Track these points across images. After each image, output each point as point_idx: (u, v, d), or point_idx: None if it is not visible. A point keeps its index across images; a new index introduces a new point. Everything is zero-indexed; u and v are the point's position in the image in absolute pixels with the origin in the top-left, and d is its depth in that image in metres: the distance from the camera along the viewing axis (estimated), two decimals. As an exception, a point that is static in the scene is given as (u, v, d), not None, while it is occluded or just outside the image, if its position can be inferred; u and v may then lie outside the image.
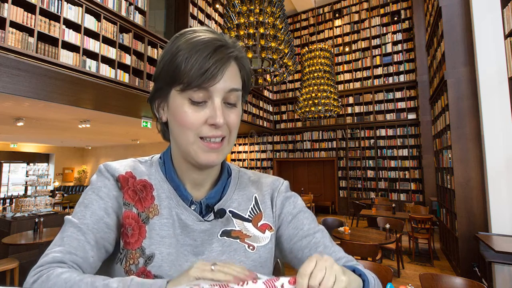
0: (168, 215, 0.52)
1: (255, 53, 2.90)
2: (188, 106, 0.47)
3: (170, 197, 0.53)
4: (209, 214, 0.54)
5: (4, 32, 2.85)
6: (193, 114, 0.47)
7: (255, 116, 8.01)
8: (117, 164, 0.54)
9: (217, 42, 0.47)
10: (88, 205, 0.50)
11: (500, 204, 3.04)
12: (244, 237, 0.54)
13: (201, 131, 0.47)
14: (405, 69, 7.22)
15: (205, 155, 0.48)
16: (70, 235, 0.47)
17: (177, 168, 0.55)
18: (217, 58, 0.45)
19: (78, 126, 7.33)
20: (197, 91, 0.46)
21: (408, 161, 7.03)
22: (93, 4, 3.67)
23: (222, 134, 0.48)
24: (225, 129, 0.48)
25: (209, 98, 0.47)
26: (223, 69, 0.46)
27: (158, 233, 0.50)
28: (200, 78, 0.45)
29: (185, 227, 0.52)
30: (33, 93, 4.05)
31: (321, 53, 5.46)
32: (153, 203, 0.52)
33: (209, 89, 0.46)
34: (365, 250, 2.69)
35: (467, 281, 1.71)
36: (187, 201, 0.53)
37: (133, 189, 0.52)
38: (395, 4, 7.52)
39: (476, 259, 3.15)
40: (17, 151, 12.63)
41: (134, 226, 0.50)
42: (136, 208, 0.51)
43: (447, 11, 3.75)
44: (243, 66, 0.51)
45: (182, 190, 0.53)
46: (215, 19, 6.36)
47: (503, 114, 3.07)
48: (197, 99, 0.46)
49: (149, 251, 0.48)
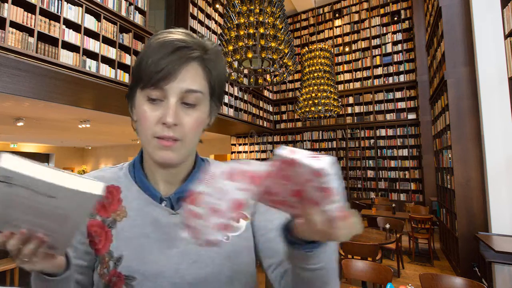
0: (136, 215, 0.53)
1: (255, 53, 2.90)
2: (146, 105, 0.48)
3: (139, 197, 0.54)
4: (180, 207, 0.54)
5: (4, 32, 2.85)
6: (149, 112, 0.48)
7: (255, 116, 8.01)
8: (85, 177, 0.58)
9: (180, 43, 0.47)
10: None
11: (500, 204, 3.04)
12: None
13: (155, 130, 0.47)
14: (405, 69, 7.22)
15: (160, 153, 0.48)
16: None
17: (147, 168, 0.56)
18: (173, 58, 0.46)
19: (78, 126, 7.33)
20: (154, 89, 0.47)
21: (408, 161, 7.03)
22: (93, 4, 3.67)
23: (174, 136, 0.47)
24: (178, 131, 0.48)
25: (165, 97, 0.47)
26: (179, 69, 0.46)
27: (126, 234, 0.52)
28: (155, 77, 0.46)
29: (157, 223, 0.52)
30: (33, 93, 4.05)
31: (321, 53, 5.46)
32: (120, 206, 0.54)
33: (165, 88, 0.46)
34: (365, 250, 2.68)
35: (467, 281, 1.71)
36: (157, 198, 0.54)
37: None
38: (395, 4, 7.52)
39: (476, 259, 3.16)
40: (17, 151, 12.63)
41: (100, 233, 0.52)
42: (100, 216, 0.53)
43: (447, 11, 3.76)
44: (210, 69, 0.51)
45: (151, 189, 0.54)
46: (215, 19, 6.36)
47: (503, 114, 3.07)
48: (153, 97, 0.47)
49: (117, 253, 0.50)
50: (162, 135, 0.47)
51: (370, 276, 2.04)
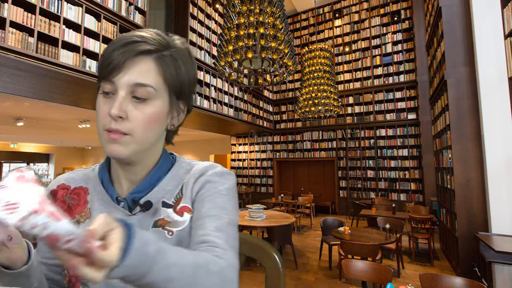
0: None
1: (255, 53, 2.90)
2: (101, 98, 0.49)
3: (102, 198, 0.55)
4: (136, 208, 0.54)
5: (4, 32, 2.85)
6: (102, 105, 0.48)
7: (255, 116, 8.01)
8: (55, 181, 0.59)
9: (136, 38, 0.48)
10: None
11: (500, 204, 3.04)
12: (165, 224, 0.53)
13: (104, 123, 0.47)
14: (405, 69, 7.22)
15: (108, 147, 0.48)
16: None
17: (112, 167, 0.56)
18: (122, 51, 0.47)
19: (78, 126, 7.33)
20: (105, 82, 0.48)
21: (408, 161, 7.03)
22: (93, 4, 3.67)
23: (119, 129, 0.47)
24: (125, 124, 0.47)
25: (116, 91, 0.47)
26: (127, 62, 0.47)
27: None
28: (105, 70, 0.47)
29: None
30: (33, 93, 4.05)
31: (321, 53, 5.46)
32: (86, 207, 0.55)
33: (113, 81, 0.47)
34: (365, 250, 2.69)
35: (467, 281, 1.71)
36: (114, 200, 0.54)
37: (62, 200, 0.56)
38: (395, 4, 7.52)
39: (476, 259, 3.16)
40: (17, 151, 12.63)
41: None
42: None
43: (447, 11, 3.76)
44: (168, 66, 0.50)
45: (110, 190, 0.55)
46: (215, 19, 6.36)
47: (503, 114, 3.07)
48: (105, 90, 0.48)
49: None
50: (109, 128, 0.47)
51: (370, 276, 2.04)
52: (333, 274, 3.65)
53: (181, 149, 11.76)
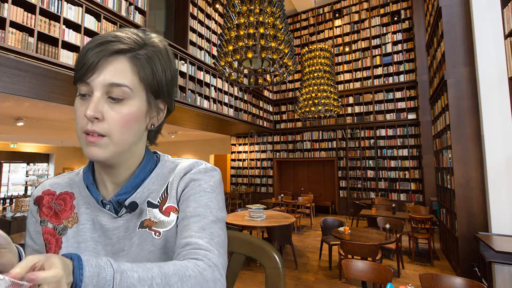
0: (86, 220, 0.54)
1: (255, 53, 2.90)
2: (78, 101, 0.48)
3: (88, 202, 0.55)
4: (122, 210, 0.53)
5: (4, 32, 2.85)
6: (79, 107, 0.48)
7: (255, 116, 8.01)
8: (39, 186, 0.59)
9: (110, 38, 0.47)
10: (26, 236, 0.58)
11: (500, 204, 3.04)
12: (151, 224, 0.52)
13: (81, 125, 0.47)
14: (405, 69, 7.22)
15: (87, 149, 0.47)
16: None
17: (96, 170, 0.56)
18: (95, 52, 0.46)
19: (78, 126, 7.32)
20: (80, 84, 0.47)
21: (408, 161, 7.03)
22: (93, 4, 3.67)
23: (96, 130, 0.46)
24: (101, 126, 0.46)
25: (92, 92, 0.47)
26: (101, 62, 0.46)
27: (76, 240, 0.53)
28: (79, 72, 0.46)
29: (102, 228, 0.53)
30: (33, 93, 4.05)
31: (321, 53, 5.46)
32: (73, 212, 0.55)
33: (87, 82, 0.46)
34: (365, 250, 2.69)
35: (467, 281, 1.71)
36: (99, 202, 0.53)
37: (48, 206, 0.56)
38: (395, 4, 7.52)
39: (476, 259, 3.16)
40: (17, 151, 12.63)
41: (50, 240, 0.53)
42: (51, 223, 0.54)
43: (447, 11, 3.76)
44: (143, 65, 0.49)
45: (94, 193, 0.54)
46: (215, 19, 6.36)
47: (503, 114, 3.07)
48: (81, 92, 0.47)
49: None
50: (86, 130, 0.46)
51: (370, 276, 2.04)
52: (333, 274, 3.65)
53: (181, 149, 11.76)
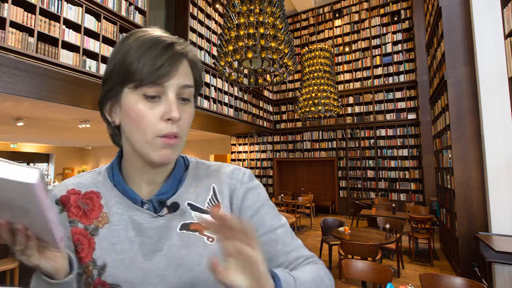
0: (118, 220, 0.52)
1: (255, 53, 2.90)
2: (143, 103, 0.46)
3: (119, 202, 0.53)
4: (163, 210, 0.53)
5: (4, 32, 2.85)
6: (148, 111, 0.46)
7: (255, 116, 8.01)
8: (60, 186, 0.56)
9: (167, 39, 0.48)
10: None
11: (500, 204, 3.04)
12: (203, 230, 0.53)
13: (158, 128, 0.46)
14: (405, 69, 7.22)
15: (161, 152, 0.47)
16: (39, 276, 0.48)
17: (128, 171, 0.55)
18: (170, 55, 0.46)
19: (78, 126, 7.33)
20: (151, 87, 0.46)
21: (408, 161, 7.03)
22: (93, 4, 3.67)
23: (177, 132, 0.47)
24: (179, 127, 0.48)
25: (163, 94, 0.47)
26: (176, 66, 0.47)
27: (110, 240, 0.50)
28: (155, 75, 0.45)
29: (139, 227, 0.51)
30: (33, 93, 4.05)
31: (321, 53, 5.46)
32: (102, 212, 0.53)
33: (164, 85, 0.46)
34: (365, 250, 2.69)
35: (467, 281, 1.71)
36: (138, 203, 0.53)
37: (76, 205, 0.53)
38: (395, 4, 7.52)
39: (476, 259, 3.16)
40: (17, 151, 12.63)
41: (82, 241, 0.51)
42: (82, 223, 0.52)
43: (447, 11, 3.76)
44: (195, 65, 0.51)
45: (130, 193, 0.53)
46: (215, 19, 6.36)
47: (503, 114, 3.07)
48: (151, 94, 0.46)
49: (100, 261, 0.49)
50: (167, 133, 0.46)
51: (370, 276, 2.04)
52: (333, 274, 3.64)
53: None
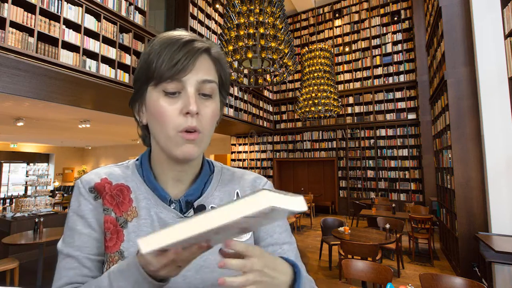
0: (146, 215, 0.52)
1: (255, 53, 2.90)
2: (163, 99, 0.47)
3: (148, 197, 0.53)
4: (189, 211, 0.54)
5: (4, 32, 2.85)
6: (168, 106, 0.47)
7: (255, 116, 8.01)
8: (91, 175, 0.55)
9: (187, 37, 0.49)
10: (73, 228, 0.52)
11: (500, 204, 3.04)
12: None
13: (178, 123, 0.47)
14: (405, 69, 7.22)
15: (183, 148, 0.47)
16: (65, 266, 0.50)
17: (156, 168, 0.55)
18: (187, 50, 0.47)
19: (78, 126, 7.33)
20: (170, 82, 0.47)
21: (408, 161, 7.03)
22: (93, 4, 3.67)
23: (197, 127, 0.47)
24: (200, 122, 0.48)
25: (182, 89, 0.47)
26: (194, 60, 0.47)
27: (137, 234, 0.51)
28: (172, 70, 0.46)
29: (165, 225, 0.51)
30: (33, 93, 4.05)
31: (321, 53, 5.46)
32: (131, 206, 0.53)
33: (182, 80, 0.47)
34: (365, 250, 2.68)
35: (467, 281, 1.71)
36: (166, 201, 0.53)
37: (110, 194, 0.53)
38: (395, 4, 7.52)
39: (476, 259, 3.16)
40: (17, 151, 12.63)
41: (112, 230, 0.51)
42: (115, 213, 0.52)
43: (447, 11, 3.76)
44: (218, 61, 0.52)
45: (160, 190, 0.53)
46: (215, 19, 6.36)
47: (503, 114, 3.07)
48: (170, 90, 0.47)
49: (127, 253, 0.49)
50: (186, 127, 0.46)
51: (370, 276, 2.04)
52: (333, 274, 3.65)
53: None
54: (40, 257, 3.24)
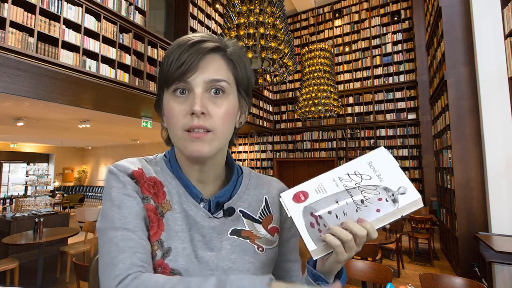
0: (179, 210, 0.52)
1: (255, 53, 2.90)
2: (174, 101, 0.48)
3: (179, 193, 0.53)
4: (218, 212, 0.54)
5: (4, 32, 2.85)
6: (177, 107, 0.48)
7: (255, 116, 8.01)
8: (126, 163, 0.53)
9: (197, 38, 0.49)
10: (121, 206, 0.48)
11: (500, 204, 3.04)
12: (254, 238, 0.54)
13: (184, 122, 0.47)
14: (405, 69, 7.22)
15: (191, 146, 0.47)
16: (122, 238, 0.45)
17: (182, 166, 0.55)
18: (192, 51, 0.47)
19: (78, 126, 7.33)
20: (178, 84, 0.48)
21: (408, 161, 7.03)
22: (93, 4, 3.67)
23: (203, 125, 0.47)
24: (209, 120, 0.47)
25: (190, 90, 0.48)
26: (199, 60, 0.48)
27: (172, 227, 0.50)
28: (178, 71, 0.47)
29: (194, 223, 0.52)
30: (33, 93, 4.05)
31: (321, 53, 5.46)
32: (165, 199, 0.52)
33: (188, 81, 0.47)
34: (365, 250, 2.68)
35: (467, 281, 1.71)
36: (197, 198, 0.53)
37: (148, 183, 0.52)
38: (395, 4, 7.52)
39: (476, 259, 3.16)
40: (17, 151, 12.63)
41: (153, 219, 0.50)
42: (154, 201, 0.51)
43: (447, 11, 3.76)
44: (232, 60, 0.52)
45: (191, 187, 0.53)
46: (215, 19, 6.36)
47: (503, 114, 3.07)
48: (178, 91, 0.48)
49: (167, 244, 0.49)
50: (191, 126, 0.46)
51: (370, 276, 2.04)
52: (333, 274, 3.65)
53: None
54: (40, 257, 3.24)
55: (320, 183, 0.47)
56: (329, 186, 0.46)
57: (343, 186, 0.46)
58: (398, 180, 0.45)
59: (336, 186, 0.46)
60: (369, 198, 0.44)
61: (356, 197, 0.45)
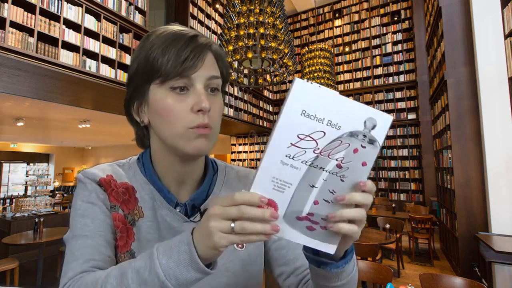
0: (152, 217, 0.50)
1: (255, 53, 2.90)
2: (171, 97, 0.46)
3: (153, 198, 0.51)
4: (195, 215, 0.52)
5: (4, 32, 2.85)
6: (177, 104, 0.45)
7: (255, 116, 8.00)
8: (95, 170, 0.52)
9: (190, 32, 0.48)
10: (84, 214, 0.48)
11: (500, 204, 3.04)
12: None
13: (189, 120, 0.45)
14: (405, 69, 7.22)
15: (195, 143, 0.46)
16: (79, 247, 0.45)
17: (159, 169, 0.53)
18: (194, 46, 0.46)
19: (78, 126, 7.33)
20: (178, 80, 0.45)
21: (408, 161, 7.03)
22: (93, 4, 3.67)
23: (209, 123, 0.46)
24: (210, 118, 0.47)
25: (190, 86, 0.46)
26: (202, 57, 0.46)
27: (145, 236, 0.49)
28: (181, 67, 0.44)
29: (170, 229, 0.50)
30: (33, 93, 4.05)
31: (321, 53, 5.46)
32: (137, 205, 0.51)
33: (191, 77, 0.45)
34: (365, 250, 2.68)
35: (467, 281, 1.71)
36: (172, 203, 0.51)
37: (116, 191, 0.51)
38: (395, 4, 7.52)
39: (476, 259, 3.16)
40: (17, 151, 12.63)
41: (121, 229, 0.49)
42: (122, 210, 0.50)
43: (447, 11, 3.76)
44: (219, 57, 0.51)
45: (165, 192, 0.52)
46: (215, 19, 6.36)
47: (503, 114, 3.07)
48: (179, 87, 0.46)
49: (138, 254, 0.47)
50: (198, 124, 0.45)
51: (370, 276, 2.04)
52: (333, 274, 3.65)
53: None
54: (40, 257, 3.24)
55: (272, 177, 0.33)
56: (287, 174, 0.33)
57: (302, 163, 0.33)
58: (355, 114, 0.35)
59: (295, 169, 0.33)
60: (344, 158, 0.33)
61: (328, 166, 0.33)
